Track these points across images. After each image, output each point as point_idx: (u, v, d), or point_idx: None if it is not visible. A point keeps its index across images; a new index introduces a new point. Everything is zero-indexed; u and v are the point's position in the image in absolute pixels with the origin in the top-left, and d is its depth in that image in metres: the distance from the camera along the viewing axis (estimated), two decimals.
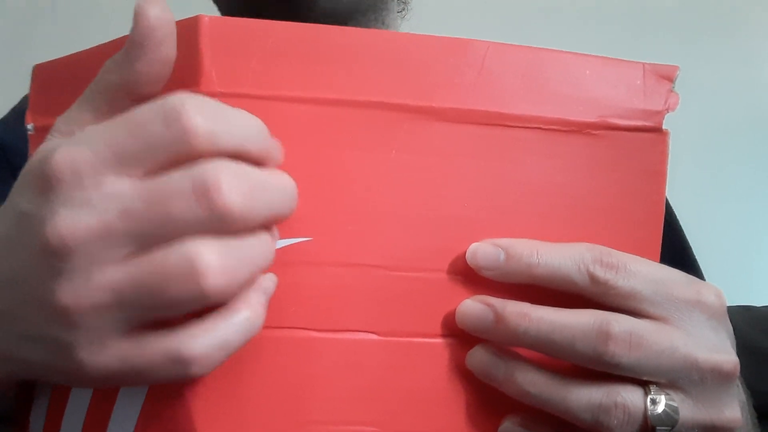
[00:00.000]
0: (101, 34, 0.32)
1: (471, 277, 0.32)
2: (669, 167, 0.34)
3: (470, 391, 0.32)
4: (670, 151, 0.34)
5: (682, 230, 0.61)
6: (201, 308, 0.26)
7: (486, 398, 0.32)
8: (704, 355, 0.31)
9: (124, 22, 0.28)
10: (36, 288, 0.26)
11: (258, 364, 0.30)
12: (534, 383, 0.31)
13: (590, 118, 0.33)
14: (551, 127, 0.33)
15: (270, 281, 0.29)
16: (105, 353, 0.26)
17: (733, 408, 0.33)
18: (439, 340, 0.32)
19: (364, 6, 0.53)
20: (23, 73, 0.37)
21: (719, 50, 1.24)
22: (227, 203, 0.25)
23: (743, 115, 1.25)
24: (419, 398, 0.32)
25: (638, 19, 1.22)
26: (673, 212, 0.59)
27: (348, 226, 0.31)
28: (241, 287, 0.27)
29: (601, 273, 0.31)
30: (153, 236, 0.25)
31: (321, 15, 0.50)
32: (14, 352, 0.28)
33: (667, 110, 0.34)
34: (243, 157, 0.27)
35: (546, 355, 0.31)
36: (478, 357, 0.31)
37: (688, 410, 0.31)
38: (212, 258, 0.25)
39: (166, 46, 0.27)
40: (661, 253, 0.34)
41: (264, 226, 0.28)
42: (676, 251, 0.58)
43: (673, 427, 0.30)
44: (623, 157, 0.34)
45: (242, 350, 0.28)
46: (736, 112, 1.24)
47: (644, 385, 0.31)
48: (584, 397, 0.30)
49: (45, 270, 0.26)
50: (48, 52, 0.36)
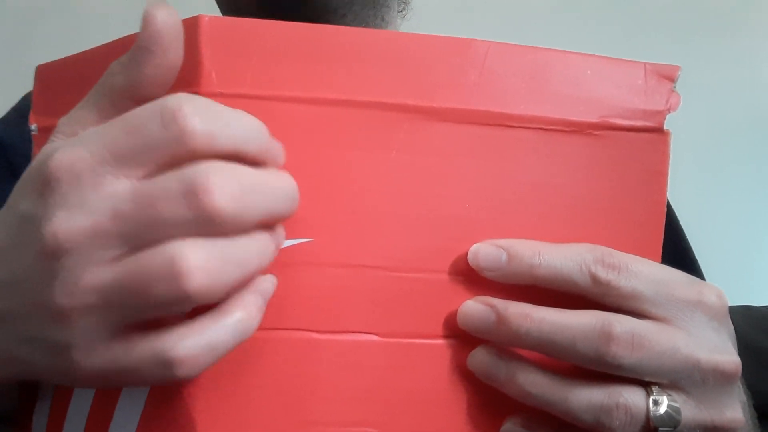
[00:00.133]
0: (102, 34, 0.32)
1: (472, 278, 0.32)
2: (670, 167, 0.34)
3: (471, 392, 0.32)
4: (671, 151, 0.34)
5: (683, 230, 0.61)
6: (190, 309, 0.26)
7: (487, 399, 0.32)
8: (706, 356, 0.31)
9: (125, 22, 0.28)
10: (35, 289, 0.26)
11: (259, 366, 0.30)
12: (535, 384, 0.30)
13: (591, 118, 0.33)
14: (552, 127, 0.33)
15: (268, 283, 0.29)
16: (96, 354, 0.26)
17: (735, 408, 0.33)
18: (440, 341, 0.32)
19: (361, 0, 0.53)
20: (23, 73, 0.37)
21: (719, 50, 1.23)
22: (216, 205, 0.25)
23: (743, 115, 1.25)
24: (420, 399, 0.32)
25: (638, 19, 1.22)
26: (674, 212, 0.59)
27: (349, 227, 0.31)
28: (230, 288, 0.26)
29: (603, 273, 0.31)
30: (142, 237, 0.25)
31: (318, 7, 0.49)
32: (15, 354, 0.28)
33: (669, 110, 0.34)
34: (241, 158, 0.27)
35: (547, 356, 0.31)
36: (480, 358, 0.31)
37: (690, 411, 0.31)
38: (195, 258, 0.25)
39: (173, 51, 0.27)
40: (662, 254, 0.34)
41: (263, 226, 0.28)
42: (677, 251, 0.58)
43: (675, 428, 0.30)
44: (624, 157, 0.33)
45: (243, 352, 0.28)
46: (736, 112, 1.24)
47: (646, 386, 0.31)
48: (586, 398, 0.30)
49: (43, 271, 0.26)
50: (48, 52, 0.36)
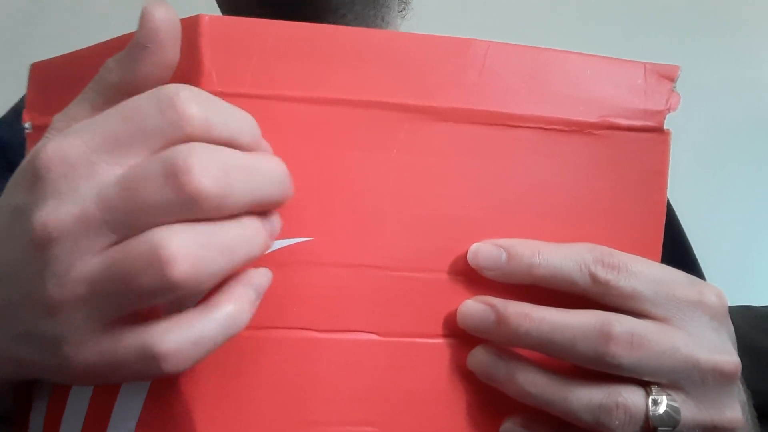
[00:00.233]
0: (101, 34, 0.32)
1: (472, 278, 0.32)
2: (670, 167, 0.34)
3: (471, 392, 0.32)
4: (671, 151, 0.34)
5: (684, 230, 0.61)
6: (177, 298, 0.25)
7: (487, 399, 0.32)
8: (705, 356, 0.31)
9: (124, 23, 0.28)
10: (26, 282, 0.26)
11: (258, 365, 0.30)
12: (535, 384, 0.30)
13: (591, 118, 0.33)
14: (552, 127, 0.33)
15: (263, 277, 0.28)
16: (87, 348, 0.26)
17: (734, 408, 0.33)
18: (440, 341, 0.32)
19: (362, 0, 0.53)
20: (23, 73, 0.37)
21: (719, 50, 1.23)
22: (197, 185, 0.24)
23: (743, 115, 1.25)
24: (420, 399, 0.32)
25: (638, 19, 1.22)
26: (674, 212, 0.59)
27: (349, 227, 0.31)
28: (217, 277, 0.25)
29: (603, 273, 0.31)
30: (128, 225, 0.25)
31: (318, 7, 0.49)
32: (13, 353, 0.28)
33: (669, 110, 0.34)
34: (233, 146, 0.26)
35: (547, 356, 0.31)
36: (479, 357, 0.31)
37: (690, 411, 0.31)
38: (179, 244, 0.24)
39: (170, 50, 0.27)
40: (663, 254, 0.34)
41: (254, 213, 0.27)
42: (678, 251, 0.58)
43: (675, 428, 0.30)
44: (624, 157, 0.33)
45: (242, 351, 0.28)
46: (736, 112, 1.24)
47: (645, 386, 0.31)
48: (585, 398, 0.30)
49: (34, 262, 0.25)
50: (48, 52, 0.36)
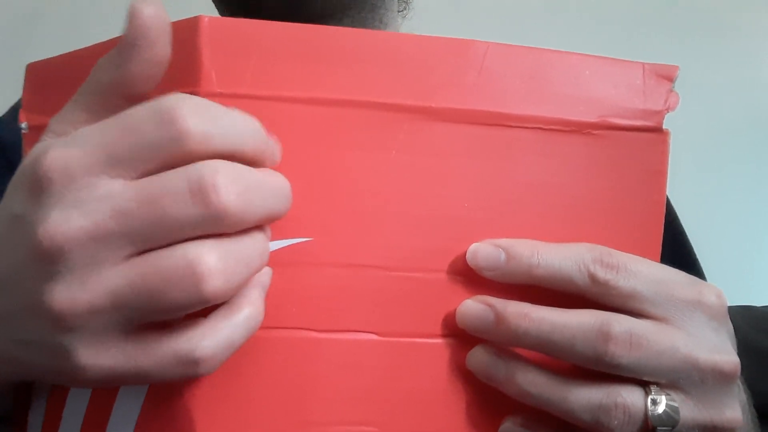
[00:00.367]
0: (100, 34, 0.32)
1: (471, 278, 0.32)
2: (669, 167, 0.34)
3: (470, 392, 0.32)
4: (670, 151, 0.34)
5: (684, 230, 0.61)
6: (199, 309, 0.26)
7: (486, 399, 0.32)
8: (705, 356, 0.31)
9: (123, 22, 0.27)
10: (29, 292, 0.26)
11: (258, 365, 0.30)
12: (534, 383, 0.30)
13: (590, 118, 0.33)
14: (551, 127, 0.33)
15: (266, 275, 0.29)
16: (106, 354, 0.26)
17: (734, 408, 0.32)
18: (439, 341, 0.32)
19: (360, 2, 0.53)
20: (23, 73, 0.37)
21: (719, 50, 1.23)
22: (224, 203, 0.25)
23: (743, 115, 1.25)
24: (419, 399, 0.32)
25: (638, 19, 1.22)
26: (675, 212, 0.59)
27: (348, 227, 0.31)
28: (240, 287, 0.27)
29: (602, 273, 0.31)
30: (150, 237, 0.25)
31: (317, 11, 0.49)
32: (12, 355, 0.28)
33: (668, 110, 0.34)
34: (238, 158, 0.27)
35: (546, 356, 0.31)
36: (479, 357, 0.31)
37: (689, 410, 0.31)
38: (213, 261, 0.25)
39: (160, 46, 0.27)
40: (662, 253, 0.34)
41: (258, 226, 0.28)
42: (677, 251, 0.58)
43: (674, 428, 0.30)
44: (623, 157, 0.33)
45: (242, 351, 0.28)
46: (736, 112, 1.24)
47: (645, 386, 0.31)
48: (584, 398, 0.30)
49: (38, 274, 0.26)
50: (48, 53, 0.36)
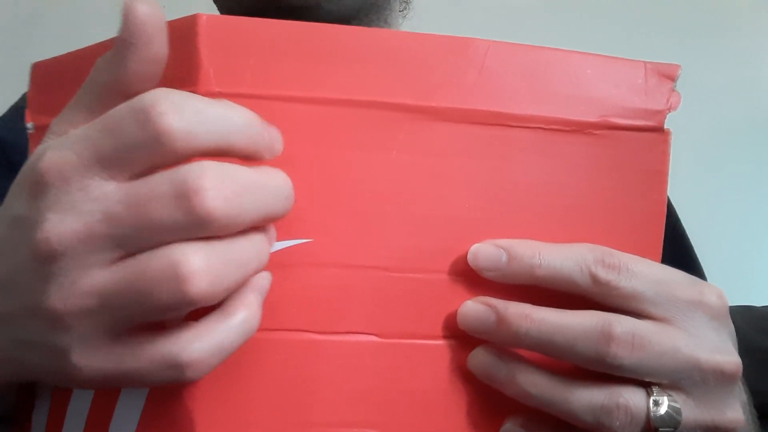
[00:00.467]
0: (101, 34, 0.32)
1: (472, 278, 0.32)
2: (670, 167, 0.34)
3: (471, 393, 0.32)
4: (671, 151, 0.34)
5: (685, 230, 0.61)
6: (191, 310, 0.26)
7: (487, 400, 0.32)
8: (706, 356, 0.31)
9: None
10: (28, 292, 0.26)
11: (258, 366, 0.30)
12: (535, 384, 0.30)
13: (591, 118, 0.33)
14: (552, 127, 0.32)
15: (264, 279, 0.28)
16: (97, 356, 0.26)
17: (735, 409, 0.32)
18: (440, 342, 0.32)
19: (367, 7, 0.53)
20: (23, 73, 0.37)
21: (719, 50, 1.24)
22: (209, 208, 0.25)
23: (743, 115, 1.25)
24: (420, 400, 0.32)
25: (638, 19, 1.22)
26: (676, 212, 0.59)
27: (348, 227, 0.31)
28: (230, 289, 0.26)
29: (603, 274, 0.30)
30: (136, 240, 0.25)
31: (324, 18, 0.50)
32: (13, 355, 0.28)
33: (669, 109, 0.34)
34: (228, 154, 0.26)
35: (547, 357, 0.31)
36: (480, 358, 0.31)
37: (691, 411, 0.31)
38: (196, 262, 0.25)
39: (157, 44, 0.26)
40: (663, 254, 0.34)
41: (257, 227, 0.27)
42: (678, 251, 0.58)
43: (676, 428, 0.30)
44: (625, 157, 0.33)
45: (243, 352, 0.27)
46: (736, 112, 1.24)
47: (646, 387, 0.31)
48: (586, 399, 0.30)
49: (36, 274, 0.26)
50: (48, 53, 0.36)
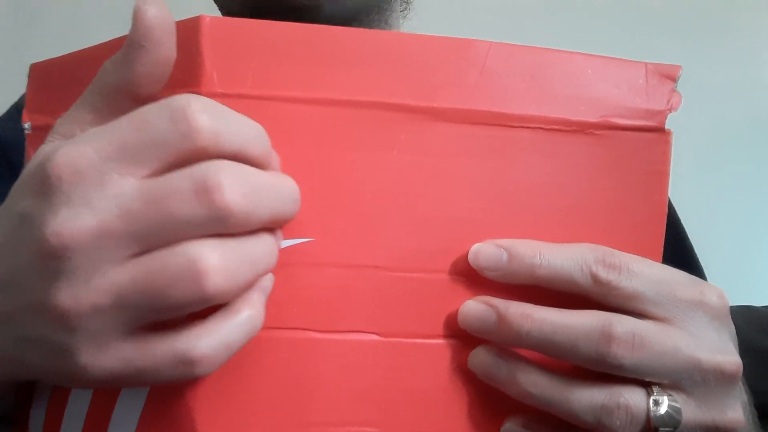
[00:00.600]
0: (101, 34, 0.32)
1: (473, 278, 0.32)
2: (671, 167, 0.34)
3: (472, 392, 0.32)
4: (672, 151, 0.34)
5: (685, 231, 0.61)
6: (201, 308, 0.26)
7: (488, 399, 0.32)
8: (707, 356, 0.31)
9: (125, 23, 0.27)
10: (35, 290, 0.26)
11: (259, 365, 0.30)
12: (536, 384, 0.30)
13: (592, 118, 0.33)
14: (553, 127, 0.33)
15: (267, 279, 0.29)
16: (107, 355, 0.26)
17: (736, 409, 0.33)
18: (441, 341, 0.32)
19: (368, 8, 0.53)
20: (23, 73, 0.37)
21: (720, 51, 1.24)
22: (228, 203, 0.25)
23: (743, 115, 1.25)
24: (420, 399, 0.32)
25: (639, 20, 1.22)
26: (676, 212, 0.59)
27: (349, 227, 0.31)
28: (243, 287, 0.27)
29: (604, 273, 0.30)
30: (154, 237, 0.25)
31: (325, 19, 0.50)
32: (14, 354, 0.28)
33: (670, 110, 0.34)
34: (244, 160, 0.27)
35: (548, 356, 0.31)
36: (480, 358, 0.31)
37: (691, 411, 0.31)
38: (214, 259, 0.25)
39: (166, 47, 0.27)
40: (664, 254, 0.34)
41: (266, 228, 0.28)
42: (679, 252, 0.58)
43: (676, 428, 0.30)
44: (625, 157, 0.33)
45: (243, 351, 0.28)
46: (737, 112, 1.24)
47: (647, 386, 0.31)
48: (587, 399, 0.30)
49: (44, 272, 0.26)
50: (48, 53, 0.36)
